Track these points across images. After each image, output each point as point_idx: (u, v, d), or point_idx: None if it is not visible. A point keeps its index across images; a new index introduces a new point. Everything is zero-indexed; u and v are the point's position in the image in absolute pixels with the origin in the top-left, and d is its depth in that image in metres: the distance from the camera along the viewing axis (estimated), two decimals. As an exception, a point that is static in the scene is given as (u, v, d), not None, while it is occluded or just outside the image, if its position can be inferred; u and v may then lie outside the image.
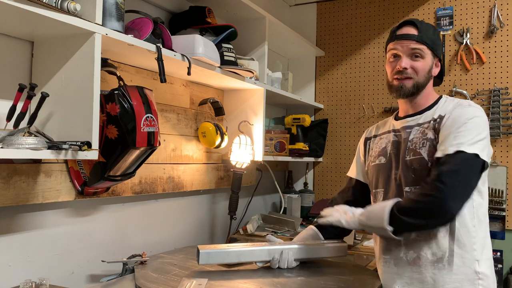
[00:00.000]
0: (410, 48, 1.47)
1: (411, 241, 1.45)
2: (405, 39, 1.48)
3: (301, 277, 1.51)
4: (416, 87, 1.49)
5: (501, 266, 2.48)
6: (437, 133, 1.44)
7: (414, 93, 1.50)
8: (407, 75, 1.48)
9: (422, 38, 1.47)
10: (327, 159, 3.12)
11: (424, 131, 1.47)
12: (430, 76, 1.52)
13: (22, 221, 1.42)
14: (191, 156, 2.13)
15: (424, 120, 1.50)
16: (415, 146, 1.47)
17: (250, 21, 2.30)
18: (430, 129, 1.46)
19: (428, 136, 1.45)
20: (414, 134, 1.50)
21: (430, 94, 1.55)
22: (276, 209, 3.05)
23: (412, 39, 1.47)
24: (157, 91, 1.88)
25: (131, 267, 1.58)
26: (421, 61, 1.48)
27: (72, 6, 1.19)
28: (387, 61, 1.54)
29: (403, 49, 1.48)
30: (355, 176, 1.73)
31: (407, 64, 1.47)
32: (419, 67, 1.48)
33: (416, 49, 1.47)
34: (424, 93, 1.52)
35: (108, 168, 1.44)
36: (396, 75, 1.50)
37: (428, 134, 1.46)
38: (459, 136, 1.36)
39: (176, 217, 2.10)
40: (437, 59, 1.53)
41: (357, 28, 3.05)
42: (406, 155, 1.48)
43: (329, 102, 3.13)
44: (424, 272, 1.43)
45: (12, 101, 1.20)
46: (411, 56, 1.48)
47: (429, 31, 1.49)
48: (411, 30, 1.48)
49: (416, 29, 1.48)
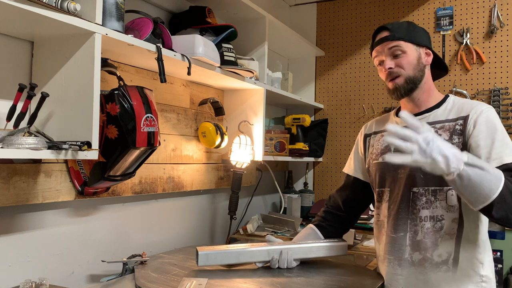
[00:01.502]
0: (388, 48, 1.48)
1: (417, 243, 1.45)
2: (381, 43, 1.50)
3: (301, 277, 1.51)
4: (410, 82, 1.47)
5: (501, 266, 2.48)
6: (461, 136, 1.41)
7: (412, 89, 1.48)
8: (396, 74, 1.48)
9: (394, 35, 1.48)
10: (327, 159, 3.12)
11: (437, 131, 1.44)
12: (422, 67, 1.50)
13: (22, 221, 1.42)
14: (191, 156, 2.13)
15: (434, 119, 1.48)
16: None
17: (250, 21, 2.30)
18: (445, 131, 1.44)
19: (442, 138, 1.42)
20: None
21: (431, 89, 1.53)
22: (276, 209, 3.05)
23: (386, 40, 1.48)
24: (157, 91, 1.88)
25: (131, 267, 1.59)
26: (403, 56, 1.48)
27: (72, 6, 1.19)
28: (378, 69, 1.55)
29: (383, 52, 1.50)
30: (353, 174, 1.71)
31: (390, 64, 1.48)
32: (403, 62, 1.47)
33: (393, 47, 1.47)
34: (424, 87, 1.50)
35: (108, 168, 1.44)
36: (388, 78, 1.50)
37: (442, 135, 1.43)
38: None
39: (176, 217, 2.10)
40: (424, 47, 1.51)
41: (357, 28, 3.05)
42: None
43: (329, 102, 3.13)
44: (429, 274, 1.43)
45: (12, 101, 1.21)
46: (391, 56, 1.49)
47: (401, 27, 1.50)
48: (384, 34, 1.51)
49: (387, 31, 1.50)
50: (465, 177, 1.19)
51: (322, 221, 1.75)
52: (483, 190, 1.21)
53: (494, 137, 1.36)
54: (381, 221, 1.57)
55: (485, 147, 1.35)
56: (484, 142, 1.36)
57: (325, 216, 1.75)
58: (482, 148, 1.36)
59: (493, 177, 1.21)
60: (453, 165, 1.17)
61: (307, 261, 1.66)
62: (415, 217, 1.45)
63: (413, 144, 1.16)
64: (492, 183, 1.21)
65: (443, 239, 1.42)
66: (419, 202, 1.45)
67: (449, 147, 1.19)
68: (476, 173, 1.19)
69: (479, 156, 1.35)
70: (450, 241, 1.41)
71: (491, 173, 1.21)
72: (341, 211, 1.73)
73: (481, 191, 1.21)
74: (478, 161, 1.22)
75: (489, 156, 1.34)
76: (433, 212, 1.43)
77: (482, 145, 1.36)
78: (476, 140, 1.38)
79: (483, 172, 1.20)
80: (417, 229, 1.45)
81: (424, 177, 1.44)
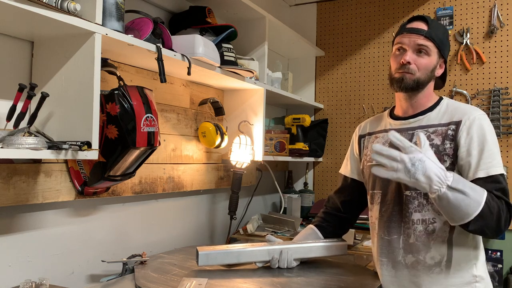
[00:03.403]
0: (417, 43, 1.43)
1: (410, 245, 1.44)
2: (414, 33, 1.44)
3: (301, 277, 1.51)
4: (416, 83, 1.45)
5: (501, 266, 2.48)
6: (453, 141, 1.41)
7: (414, 88, 1.46)
8: (409, 71, 1.44)
9: (431, 34, 1.43)
10: (327, 159, 3.12)
11: (429, 135, 1.44)
12: (432, 75, 1.48)
13: (22, 221, 1.42)
14: (191, 156, 2.13)
15: (428, 123, 1.48)
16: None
17: (250, 21, 2.30)
18: (437, 135, 1.44)
19: (434, 142, 1.43)
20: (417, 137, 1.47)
21: (431, 94, 1.52)
22: (276, 209, 3.05)
23: (421, 34, 1.43)
24: (157, 91, 1.88)
25: (131, 267, 1.59)
26: (426, 58, 1.44)
27: (72, 6, 1.19)
28: (392, 54, 1.50)
29: (410, 43, 1.44)
30: (349, 175, 1.71)
31: (411, 58, 1.43)
32: (423, 64, 1.44)
33: (422, 45, 1.43)
34: (425, 92, 1.49)
35: (108, 168, 1.44)
36: (400, 69, 1.45)
37: (434, 140, 1.43)
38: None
39: (176, 217, 2.10)
40: (443, 60, 1.50)
41: (357, 28, 3.05)
42: None
43: (329, 102, 3.13)
44: (422, 276, 1.43)
45: (12, 101, 1.20)
46: (416, 51, 1.44)
47: (439, 30, 1.46)
48: (421, 25, 1.45)
49: (426, 25, 1.44)
50: (444, 199, 1.25)
51: (321, 222, 1.75)
52: (459, 213, 1.27)
53: (484, 147, 1.37)
54: (373, 223, 1.57)
55: (475, 156, 1.37)
56: (475, 152, 1.38)
57: (324, 217, 1.75)
58: (473, 157, 1.37)
59: (472, 202, 1.26)
60: (435, 187, 1.23)
61: (307, 261, 1.66)
62: (407, 220, 1.45)
63: (398, 164, 1.21)
64: (470, 208, 1.26)
65: (436, 242, 1.41)
66: (412, 206, 1.44)
67: (435, 169, 1.22)
68: (456, 197, 1.24)
69: (469, 164, 1.37)
70: (443, 244, 1.41)
71: (471, 198, 1.26)
72: (340, 212, 1.73)
73: (457, 213, 1.28)
74: (462, 185, 1.26)
75: (478, 166, 1.36)
76: (424, 215, 1.42)
77: (473, 154, 1.38)
78: (468, 149, 1.38)
79: (464, 196, 1.25)
80: (409, 232, 1.45)
81: None
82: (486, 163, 1.36)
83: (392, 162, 1.21)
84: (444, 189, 1.23)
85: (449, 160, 1.40)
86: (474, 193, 1.27)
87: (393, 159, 1.21)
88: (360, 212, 1.76)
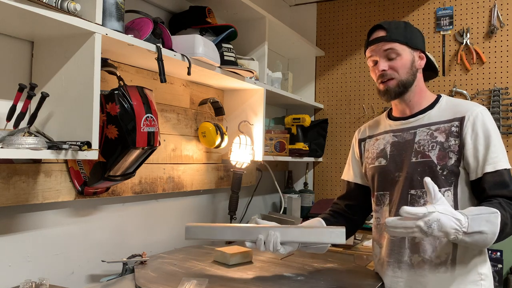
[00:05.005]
0: (383, 50, 1.47)
1: (416, 245, 1.45)
2: (376, 43, 1.48)
3: (301, 277, 1.51)
4: (401, 86, 1.47)
5: (501, 266, 2.48)
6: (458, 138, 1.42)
7: (402, 92, 1.49)
8: (389, 77, 1.47)
9: (391, 36, 1.47)
10: (327, 159, 3.12)
11: (432, 133, 1.46)
12: (414, 71, 1.50)
13: (22, 221, 1.42)
14: (191, 156, 2.13)
15: (429, 121, 1.48)
16: (423, 149, 1.45)
17: (250, 21, 2.30)
18: (441, 132, 1.45)
19: (438, 140, 1.44)
20: (420, 135, 1.48)
21: (423, 90, 1.53)
22: (276, 209, 3.05)
23: (382, 41, 1.47)
24: (157, 91, 1.88)
25: (131, 267, 1.59)
26: (398, 59, 1.47)
27: (72, 6, 1.19)
28: (370, 69, 1.54)
29: (378, 52, 1.48)
30: (353, 180, 1.71)
31: (384, 66, 1.47)
32: (398, 65, 1.47)
33: (388, 49, 1.46)
34: (415, 89, 1.51)
35: (108, 168, 1.44)
36: (379, 80, 1.50)
37: (438, 137, 1.44)
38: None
39: (176, 217, 2.10)
40: (419, 51, 1.51)
41: (357, 28, 3.05)
42: (412, 157, 1.46)
43: (329, 102, 3.13)
44: (428, 276, 1.43)
45: (12, 101, 1.21)
46: (386, 57, 1.48)
47: (399, 28, 1.49)
48: (380, 33, 1.49)
49: (384, 31, 1.48)
50: (462, 242, 1.29)
51: (330, 217, 1.69)
52: (478, 246, 1.35)
53: (489, 142, 1.40)
54: (381, 224, 1.56)
55: (482, 152, 1.40)
56: (481, 147, 1.40)
57: (333, 214, 1.71)
58: (480, 154, 1.40)
59: (489, 235, 1.28)
60: (452, 237, 1.26)
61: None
62: None
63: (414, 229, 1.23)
64: (488, 240, 1.29)
65: (441, 241, 1.42)
66: (417, 204, 1.44)
67: (451, 222, 1.24)
68: (474, 238, 1.27)
69: (477, 161, 1.40)
70: (448, 242, 1.41)
71: (488, 233, 1.27)
72: (348, 214, 1.70)
73: (477, 247, 1.38)
74: (477, 225, 1.26)
75: (485, 161, 1.39)
76: None
77: (480, 150, 1.40)
78: (474, 145, 1.41)
79: (481, 235, 1.27)
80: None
81: (421, 179, 1.43)
82: (493, 157, 1.39)
83: (408, 230, 1.24)
84: (461, 237, 1.25)
85: (454, 156, 1.41)
86: (490, 226, 1.28)
87: (409, 228, 1.24)
88: (367, 216, 1.74)
